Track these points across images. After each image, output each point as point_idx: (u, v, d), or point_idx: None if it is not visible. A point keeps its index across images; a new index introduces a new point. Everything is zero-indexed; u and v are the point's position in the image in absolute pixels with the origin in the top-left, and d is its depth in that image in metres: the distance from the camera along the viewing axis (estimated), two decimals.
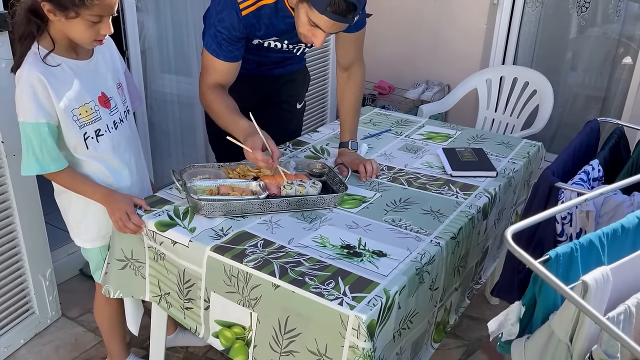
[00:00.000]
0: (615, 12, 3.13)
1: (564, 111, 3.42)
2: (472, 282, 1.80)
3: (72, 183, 1.49)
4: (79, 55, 1.46)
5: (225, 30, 1.68)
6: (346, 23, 1.52)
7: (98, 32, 1.37)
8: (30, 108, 1.35)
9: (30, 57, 1.36)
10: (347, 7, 1.46)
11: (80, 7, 1.29)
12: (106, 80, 1.52)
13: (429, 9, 3.39)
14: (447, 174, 1.83)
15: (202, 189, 1.56)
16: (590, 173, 1.37)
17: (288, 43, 1.85)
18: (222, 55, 1.72)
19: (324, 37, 1.56)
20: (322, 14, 1.48)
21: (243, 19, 1.66)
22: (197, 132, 3.13)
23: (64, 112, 1.41)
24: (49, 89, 1.36)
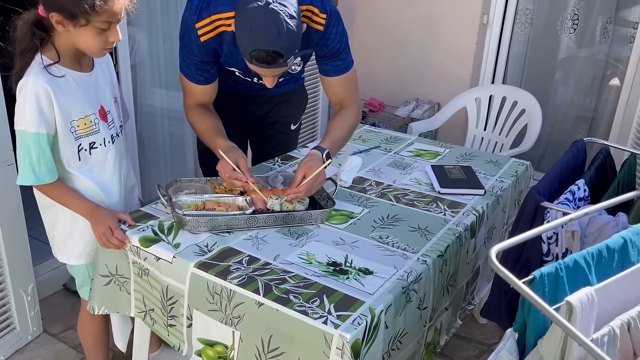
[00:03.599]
0: (603, 34, 3.18)
1: (553, 131, 3.45)
2: (463, 302, 1.79)
3: (59, 195, 1.47)
4: (82, 68, 1.46)
5: (190, 55, 1.67)
6: (280, 67, 1.49)
7: (107, 39, 1.38)
8: (33, 118, 1.35)
9: (35, 68, 1.36)
10: (270, 57, 1.44)
11: (90, 15, 1.30)
12: (105, 94, 1.53)
13: (420, 28, 3.42)
14: (435, 191, 1.83)
15: (188, 204, 1.54)
16: (576, 193, 1.38)
17: (258, 79, 1.82)
18: (194, 79, 1.72)
19: (270, 80, 1.57)
20: (251, 63, 1.48)
21: (203, 44, 1.63)
22: (186, 147, 3.11)
23: (63, 123, 1.40)
24: (53, 100, 1.36)
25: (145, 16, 2.63)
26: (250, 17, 1.43)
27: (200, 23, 1.60)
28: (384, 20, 3.54)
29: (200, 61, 1.67)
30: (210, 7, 1.60)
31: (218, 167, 1.60)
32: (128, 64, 2.56)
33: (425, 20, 3.40)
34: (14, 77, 1.36)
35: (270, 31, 1.41)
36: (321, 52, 1.74)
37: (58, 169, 1.44)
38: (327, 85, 1.82)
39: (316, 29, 1.66)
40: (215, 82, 1.77)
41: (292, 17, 1.45)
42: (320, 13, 1.64)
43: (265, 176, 1.77)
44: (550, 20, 3.29)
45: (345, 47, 1.75)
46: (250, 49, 1.44)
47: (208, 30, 1.61)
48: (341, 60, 1.76)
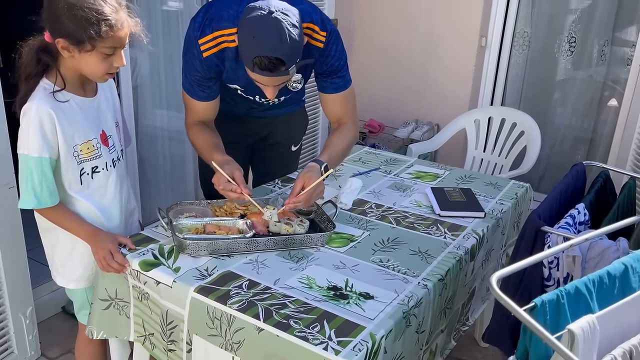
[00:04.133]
0: (600, 56, 3.21)
1: (552, 152, 3.46)
2: (458, 323, 1.78)
3: (60, 219, 1.47)
4: (85, 93, 1.47)
5: (193, 71, 1.69)
6: (281, 76, 1.51)
7: (111, 64, 1.39)
8: (36, 142, 1.36)
9: (39, 92, 1.37)
10: (272, 63, 1.46)
11: (96, 40, 1.32)
12: (107, 119, 1.54)
13: (419, 49, 3.46)
14: (435, 213, 1.83)
15: (188, 227, 1.54)
16: (577, 217, 1.38)
17: (260, 97, 1.84)
18: (196, 96, 1.75)
19: (271, 90, 1.58)
20: (253, 71, 1.51)
21: (205, 60, 1.66)
22: (186, 168, 3.12)
23: (66, 148, 1.41)
24: (56, 124, 1.38)
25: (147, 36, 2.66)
26: (253, 25, 1.46)
27: (203, 39, 1.64)
28: (383, 42, 3.57)
29: (202, 77, 1.70)
30: (213, 24, 1.64)
31: (213, 179, 1.61)
32: (130, 85, 2.58)
33: (424, 42, 3.43)
34: (18, 102, 1.38)
35: (273, 38, 1.44)
36: (321, 69, 1.77)
37: (59, 192, 1.45)
38: (326, 102, 1.85)
39: (316, 46, 1.69)
40: (216, 99, 1.79)
41: (295, 26, 1.49)
42: (320, 31, 1.69)
43: (266, 199, 1.77)
44: (547, 43, 3.33)
45: (344, 66, 1.79)
46: (252, 55, 1.46)
47: (211, 46, 1.65)
48: (340, 77, 1.80)
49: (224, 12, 1.64)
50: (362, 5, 3.60)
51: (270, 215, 1.59)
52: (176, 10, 2.79)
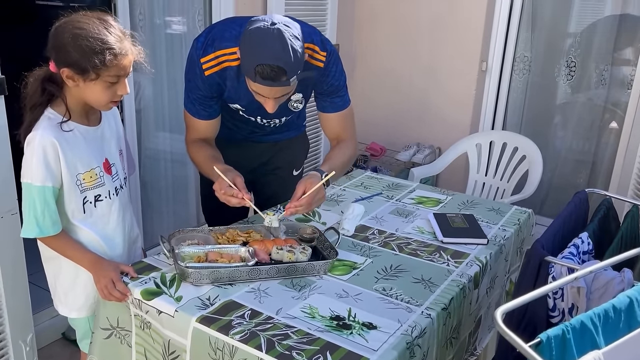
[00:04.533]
0: (600, 80, 3.23)
1: (553, 175, 3.46)
2: (466, 354, 1.76)
3: (62, 247, 1.47)
4: (89, 122, 1.49)
5: (195, 90, 1.72)
6: (283, 86, 1.52)
7: (115, 93, 1.41)
8: (39, 171, 1.36)
9: (44, 122, 1.38)
10: (274, 72, 1.48)
11: (100, 69, 1.33)
12: (110, 147, 1.55)
13: (420, 74, 3.49)
14: (438, 240, 1.82)
15: (190, 255, 1.54)
16: (580, 246, 1.37)
17: (261, 117, 1.86)
18: (197, 114, 1.77)
19: (272, 103, 1.59)
20: (254, 81, 1.52)
21: (207, 78, 1.68)
22: (188, 190, 3.13)
23: (69, 177, 1.42)
24: (59, 154, 1.38)
25: (151, 62, 2.68)
26: (256, 35, 1.49)
27: (205, 58, 1.67)
28: (385, 66, 3.61)
29: (204, 96, 1.72)
30: (215, 44, 1.67)
31: (215, 185, 1.62)
32: (133, 109, 2.60)
33: (425, 66, 3.46)
34: (22, 131, 1.39)
35: (275, 47, 1.47)
36: (321, 89, 1.80)
37: (62, 220, 1.45)
38: (325, 121, 1.88)
39: (317, 66, 1.72)
40: (217, 117, 1.81)
41: (296, 38, 1.52)
42: (320, 51, 1.72)
43: (268, 225, 1.77)
44: (547, 67, 3.35)
45: (344, 86, 1.82)
46: (255, 64, 1.48)
47: (213, 64, 1.67)
48: (339, 97, 1.83)
49: (227, 32, 1.68)
50: (363, 31, 3.64)
51: (270, 221, 1.60)
52: (180, 33, 2.82)
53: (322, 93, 1.82)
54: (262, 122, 1.90)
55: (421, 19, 3.41)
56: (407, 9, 3.45)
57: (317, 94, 1.84)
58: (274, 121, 1.91)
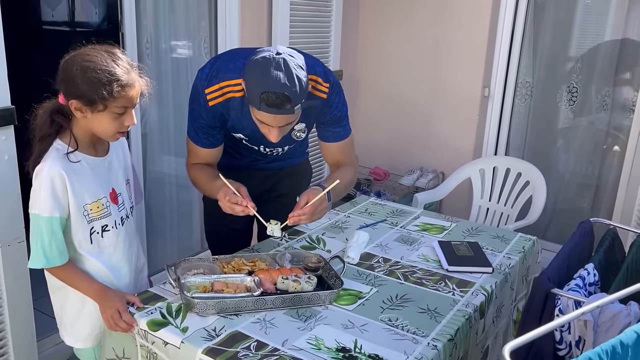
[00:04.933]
0: (602, 105, 3.25)
1: (557, 200, 3.46)
2: None
3: (69, 277, 1.48)
4: (97, 153, 1.50)
5: (199, 119, 1.74)
6: (287, 114, 1.54)
7: (122, 123, 1.43)
8: (47, 202, 1.38)
9: (52, 153, 1.40)
10: (279, 99, 1.50)
11: (108, 100, 1.35)
12: (117, 177, 1.56)
13: (422, 99, 3.52)
14: (443, 268, 1.82)
15: (196, 285, 1.54)
16: (586, 278, 1.37)
17: (264, 146, 1.88)
18: (200, 142, 1.79)
19: (276, 132, 1.60)
20: (259, 109, 1.54)
21: (211, 109, 1.71)
22: (193, 215, 3.13)
23: (76, 207, 1.43)
24: (67, 184, 1.40)
25: (157, 87, 2.72)
26: (261, 64, 1.51)
27: (209, 89, 1.69)
28: (388, 91, 3.64)
29: (207, 125, 1.74)
30: (220, 75, 1.69)
31: (219, 194, 1.63)
32: (139, 133, 2.62)
33: (428, 91, 3.49)
34: (31, 163, 1.41)
35: (280, 76, 1.49)
36: (323, 119, 1.82)
37: (69, 250, 1.46)
38: (326, 150, 1.91)
39: (320, 97, 1.75)
40: (220, 146, 1.83)
41: (301, 67, 1.55)
42: (323, 82, 1.75)
43: (273, 254, 1.77)
44: (549, 92, 3.38)
45: (346, 116, 1.85)
46: (260, 91, 1.50)
47: (217, 95, 1.69)
48: (341, 127, 1.85)
49: (231, 64, 1.70)
50: (366, 57, 3.68)
51: (272, 230, 1.61)
52: (185, 58, 2.86)
53: (324, 123, 1.84)
54: (265, 151, 1.91)
55: (423, 46, 3.46)
56: (409, 36, 3.49)
57: (319, 123, 1.86)
58: (277, 150, 1.93)
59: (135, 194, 1.67)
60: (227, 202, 1.61)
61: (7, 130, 1.70)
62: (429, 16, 3.40)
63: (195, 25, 2.82)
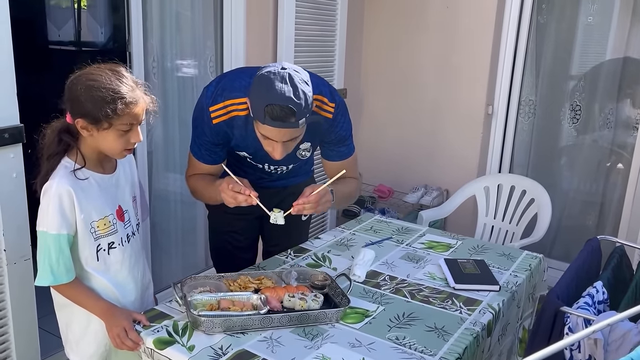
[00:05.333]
0: (606, 123, 3.26)
1: (562, 217, 3.46)
2: None
3: (75, 295, 1.48)
4: (105, 170, 1.51)
5: (202, 136, 1.75)
6: (291, 127, 1.54)
7: (128, 140, 1.44)
8: (55, 219, 1.39)
9: (60, 170, 1.41)
10: (284, 112, 1.50)
11: (112, 118, 1.37)
12: (124, 194, 1.57)
13: (426, 116, 3.53)
14: (449, 286, 1.81)
15: (203, 303, 1.53)
16: (595, 296, 1.37)
17: (269, 165, 1.89)
18: (202, 158, 1.81)
19: (280, 148, 1.60)
20: (264, 123, 1.54)
21: (214, 127, 1.72)
22: (197, 232, 3.14)
23: (84, 224, 1.44)
24: (75, 202, 1.41)
25: (162, 105, 2.74)
26: (266, 78, 1.53)
27: (214, 107, 1.70)
28: (392, 108, 3.66)
29: (210, 142, 1.75)
30: (225, 93, 1.71)
31: (222, 185, 1.64)
32: (145, 151, 2.64)
33: (432, 109, 3.51)
34: (39, 181, 1.42)
35: (285, 89, 1.50)
36: (328, 138, 1.83)
37: (76, 267, 1.46)
38: (329, 167, 1.92)
39: (325, 117, 1.75)
40: (221, 163, 1.83)
41: (305, 83, 1.56)
42: (329, 102, 1.76)
43: (279, 272, 1.77)
44: (553, 110, 3.40)
45: (350, 135, 1.87)
46: (264, 104, 1.50)
47: (221, 113, 1.71)
48: (345, 146, 1.87)
49: (237, 82, 1.72)
50: (370, 76, 3.71)
51: (276, 217, 1.62)
52: (191, 77, 2.89)
53: (328, 142, 1.85)
54: (270, 169, 1.92)
55: (427, 64, 3.48)
56: (413, 54, 3.52)
57: (324, 143, 1.87)
58: (281, 168, 1.93)
59: (142, 211, 1.67)
60: (230, 191, 1.61)
61: (16, 148, 1.72)
62: (432, 36, 3.44)
63: (201, 44, 2.86)
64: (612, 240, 1.70)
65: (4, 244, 1.77)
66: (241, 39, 2.86)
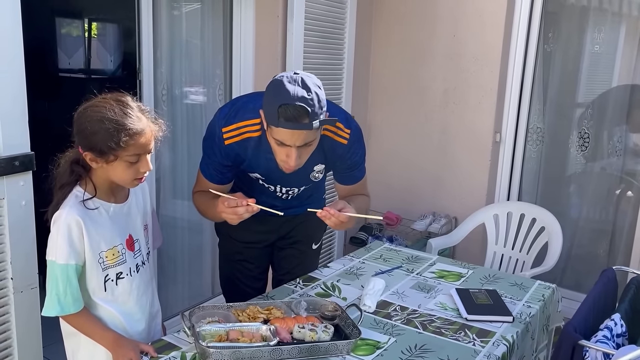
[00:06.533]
0: (615, 151, 3.25)
1: (573, 245, 3.41)
2: None
3: (83, 325, 1.46)
4: (117, 199, 1.51)
5: (212, 156, 1.76)
6: (305, 129, 1.53)
7: (138, 170, 1.43)
8: (63, 249, 1.38)
9: (71, 200, 1.41)
10: (297, 112, 1.50)
11: (117, 150, 1.36)
12: (135, 223, 1.56)
13: (434, 144, 3.53)
14: (462, 317, 1.78)
15: (211, 334, 1.50)
16: (613, 329, 1.33)
17: (281, 186, 1.88)
18: (210, 177, 1.81)
19: (294, 154, 1.58)
20: (278, 126, 1.53)
21: (226, 147, 1.72)
22: (203, 259, 3.11)
23: (92, 254, 1.43)
24: (84, 232, 1.40)
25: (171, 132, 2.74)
26: (278, 82, 1.54)
27: (227, 128, 1.71)
28: (399, 135, 3.66)
29: (220, 163, 1.76)
30: (239, 115, 1.72)
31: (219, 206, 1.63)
32: (154, 178, 2.64)
33: (439, 136, 3.51)
34: (50, 210, 1.42)
35: (298, 90, 1.52)
36: (342, 164, 1.84)
37: (83, 297, 1.44)
38: (341, 190, 1.95)
39: (341, 143, 1.77)
40: (229, 184, 1.84)
41: (318, 87, 1.57)
42: (345, 128, 1.77)
43: (288, 301, 1.74)
44: (561, 138, 3.38)
45: (364, 160, 1.88)
46: (278, 104, 1.50)
47: (233, 135, 1.72)
48: (358, 170, 1.88)
49: (251, 104, 1.73)
50: (377, 102, 3.72)
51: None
52: (200, 104, 2.90)
53: (342, 168, 1.86)
54: (282, 192, 1.91)
55: (434, 92, 3.50)
56: (420, 82, 3.54)
57: (337, 167, 1.88)
58: (293, 190, 1.92)
59: (154, 238, 1.66)
60: (228, 209, 1.60)
61: (26, 176, 1.72)
62: (439, 63, 3.46)
63: (210, 73, 2.88)
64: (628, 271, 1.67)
65: (11, 272, 1.75)
66: (250, 68, 2.89)
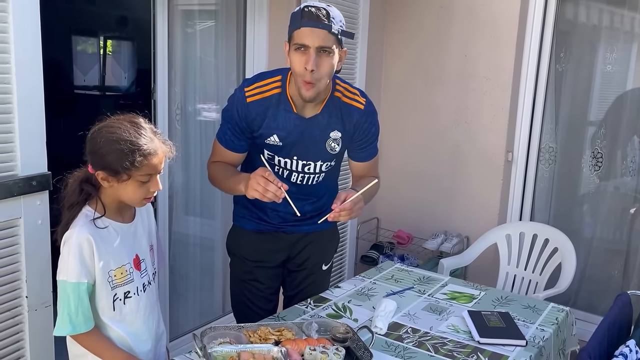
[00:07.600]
0: (629, 170, 3.22)
1: (586, 266, 3.37)
2: None
3: (93, 345, 1.46)
4: (124, 219, 1.53)
5: (230, 120, 1.82)
6: (326, 29, 1.65)
7: (148, 190, 1.46)
8: (75, 268, 1.39)
9: (81, 219, 1.43)
10: (320, 12, 1.65)
11: (131, 170, 1.39)
12: (141, 243, 1.57)
13: (446, 162, 3.53)
14: (474, 340, 1.76)
15: (223, 355, 1.50)
16: (629, 356, 1.32)
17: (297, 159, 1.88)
18: (224, 142, 1.86)
19: (312, 57, 1.66)
20: (300, 27, 1.66)
21: (247, 106, 1.80)
22: (215, 277, 3.12)
23: (102, 273, 1.44)
24: (94, 250, 1.41)
25: (184, 150, 2.77)
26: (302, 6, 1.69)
27: (249, 87, 1.82)
28: (411, 153, 3.66)
29: (238, 126, 1.82)
30: (261, 76, 1.86)
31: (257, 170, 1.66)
32: (167, 195, 2.66)
33: (451, 156, 3.51)
34: (60, 230, 1.44)
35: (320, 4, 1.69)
36: (359, 135, 1.92)
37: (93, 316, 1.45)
38: (355, 167, 2.03)
39: (357, 107, 1.88)
40: (242, 155, 1.90)
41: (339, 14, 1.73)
42: (360, 96, 1.90)
43: (299, 323, 1.74)
44: (574, 158, 3.37)
45: (377, 137, 1.99)
46: (301, 9, 1.66)
47: (255, 92, 1.81)
48: (373, 147, 1.98)
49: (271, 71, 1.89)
50: (389, 122, 3.72)
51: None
52: (212, 121, 2.93)
53: (359, 139, 1.93)
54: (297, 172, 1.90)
55: (446, 111, 3.50)
56: (431, 101, 3.55)
57: (354, 142, 1.94)
58: (309, 166, 1.90)
59: (158, 259, 1.67)
60: (262, 178, 1.63)
61: (42, 196, 1.74)
62: (450, 82, 3.47)
63: (224, 92, 2.91)
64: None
65: (27, 290, 1.77)
66: None
